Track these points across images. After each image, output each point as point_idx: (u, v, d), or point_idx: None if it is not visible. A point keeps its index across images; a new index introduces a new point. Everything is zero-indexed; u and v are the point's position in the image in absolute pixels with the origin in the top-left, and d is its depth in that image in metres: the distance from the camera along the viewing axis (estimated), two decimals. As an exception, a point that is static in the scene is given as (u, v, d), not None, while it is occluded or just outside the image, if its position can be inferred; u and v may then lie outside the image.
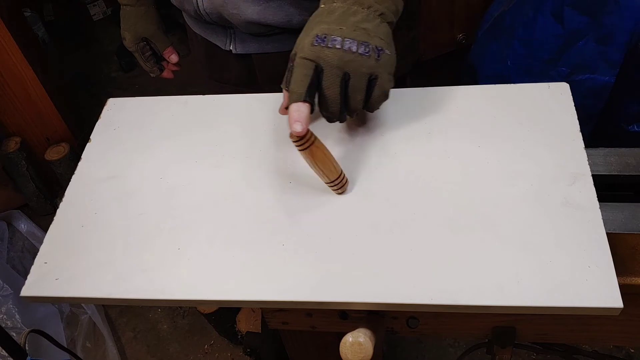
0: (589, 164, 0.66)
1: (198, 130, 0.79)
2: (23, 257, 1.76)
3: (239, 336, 1.58)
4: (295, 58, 0.63)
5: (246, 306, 1.48)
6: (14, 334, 1.32)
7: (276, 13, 0.83)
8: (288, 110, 0.62)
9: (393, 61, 0.65)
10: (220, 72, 1.02)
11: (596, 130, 1.50)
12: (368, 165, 0.71)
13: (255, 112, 0.80)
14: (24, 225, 1.86)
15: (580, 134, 0.70)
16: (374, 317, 0.68)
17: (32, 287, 0.64)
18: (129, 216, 0.70)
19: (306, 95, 0.61)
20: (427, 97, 0.77)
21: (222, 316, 1.56)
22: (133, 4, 1.02)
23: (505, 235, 0.61)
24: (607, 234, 0.60)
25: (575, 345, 0.86)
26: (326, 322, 0.74)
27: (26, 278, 0.65)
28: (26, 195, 1.97)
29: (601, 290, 0.56)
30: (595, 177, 0.65)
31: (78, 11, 2.81)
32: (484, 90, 0.77)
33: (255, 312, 1.55)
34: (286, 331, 0.84)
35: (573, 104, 0.73)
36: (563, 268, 0.58)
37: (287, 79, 0.64)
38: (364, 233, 0.63)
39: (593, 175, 0.65)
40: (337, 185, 0.66)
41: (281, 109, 0.69)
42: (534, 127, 0.71)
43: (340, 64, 0.61)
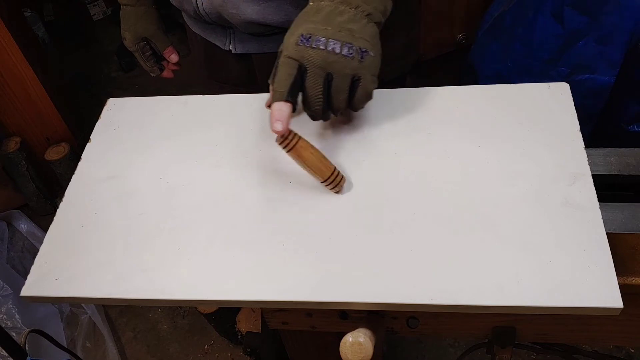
0: (589, 164, 0.66)
1: (198, 130, 0.79)
2: (23, 257, 1.76)
3: (239, 336, 1.58)
4: (280, 56, 0.64)
5: (246, 306, 1.48)
6: (14, 334, 1.32)
7: (276, 13, 0.83)
8: (270, 108, 0.62)
9: (377, 63, 0.65)
10: (219, 72, 1.02)
11: (596, 130, 1.50)
12: (368, 165, 0.71)
13: (255, 112, 0.80)
14: (24, 225, 1.86)
15: (580, 134, 0.70)
16: (374, 317, 0.68)
17: (32, 287, 0.64)
18: (129, 216, 0.70)
19: (288, 95, 0.62)
20: (427, 97, 0.77)
21: (222, 316, 1.56)
22: (133, 4, 1.02)
23: (505, 235, 0.61)
24: (607, 234, 0.60)
25: (575, 345, 0.86)
26: (326, 322, 0.74)
27: (26, 278, 0.65)
28: (26, 195, 1.97)
29: (601, 290, 0.56)
30: (595, 177, 0.65)
31: (78, 11, 2.81)
32: (484, 90, 0.77)
33: (255, 312, 1.55)
34: (286, 331, 0.84)
35: (573, 104, 0.73)
36: (563, 268, 0.58)
37: (273, 75, 0.64)
38: (364, 233, 0.63)
39: (593, 175, 0.65)
40: (332, 183, 0.66)
41: (267, 104, 0.69)
42: (534, 127, 0.71)
43: (323, 65, 0.62)
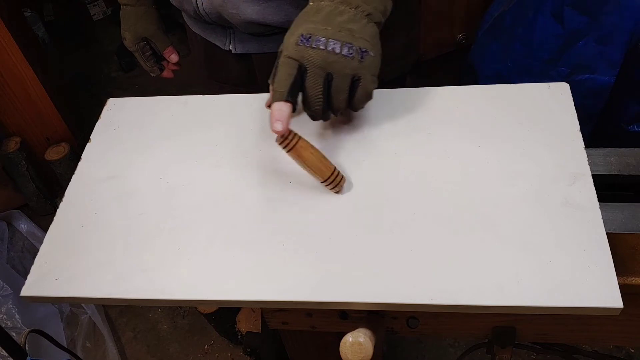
0: (589, 164, 0.66)
1: (198, 130, 0.79)
2: (23, 257, 1.76)
3: (239, 336, 1.58)
4: (280, 56, 0.64)
5: (246, 306, 1.48)
6: (14, 334, 1.32)
7: (276, 13, 0.83)
8: (270, 108, 0.62)
9: (377, 63, 0.65)
10: (219, 72, 1.02)
11: (596, 130, 1.50)
12: (368, 165, 0.71)
13: (255, 112, 0.80)
14: (24, 225, 1.86)
15: (580, 134, 0.70)
16: (374, 317, 0.68)
17: (32, 287, 0.64)
18: (129, 216, 0.70)
19: (288, 95, 0.62)
20: (427, 97, 0.77)
21: (222, 316, 1.56)
22: (133, 4, 1.02)
23: (505, 235, 0.61)
24: (607, 234, 0.60)
25: (575, 345, 0.86)
26: (326, 322, 0.74)
27: (26, 278, 0.65)
28: (26, 195, 1.97)
29: (601, 290, 0.56)
30: (595, 177, 0.65)
31: (78, 11, 2.81)
32: (484, 90, 0.77)
33: (255, 312, 1.55)
34: (286, 331, 0.84)
35: (573, 104, 0.73)
36: (563, 268, 0.58)
37: (274, 75, 0.64)
38: (364, 233, 0.63)
39: (593, 175, 0.65)
40: (331, 183, 0.66)
41: (267, 104, 0.69)
42: (534, 127, 0.71)
43: (323, 65, 0.62)
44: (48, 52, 2.32)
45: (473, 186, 0.66)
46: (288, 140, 0.64)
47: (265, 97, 0.81)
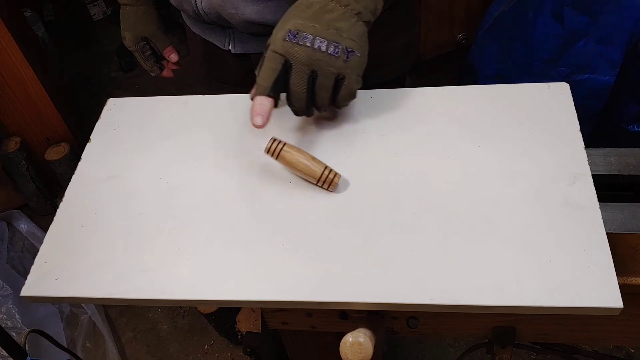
0: (589, 164, 0.66)
1: (198, 130, 0.79)
2: (23, 257, 1.76)
3: (239, 336, 1.58)
4: (267, 49, 0.64)
5: (246, 306, 1.48)
6: (14, 334, 1.32)
7: (275, 13, 0.83)
8: (252, 101, 0.63)
9: (362, 63, 0.65)
10: (219, 72, 1.02)
11: (596, 130, 1.50)
12: (368, 165, 0.71)
13: (255, 112, 0.80)
14: (24, 225, 1.86)
15: (580, 134, 0.70)
16: (374, 317, 0.68)
17: (32, 287, 0.64)
18: (129, 216, 0.69)
19: (271, 90, 0.63)
20: (427, 97, 0.77)
21: (222, 316, 1.56)
22: (133, 4, 1.02)
23: (505, 235, 0.61)
24: (607, 234, 0.60)
25: (575, 345, 0.86)
26: (326, 322, 0.74)
27: (26, 278, 0.65)
28: (26, 195, 1.97)
29: (601, 290, 0.56)
30: (595, 177, 0.65)
31: (78, 11, 2.81)
32: (484, 90, 0.77)
33: (255, 312, 1.55)
34: (286, 331, 0.84)
35: (573, 104, 0.73)
36: (563, 268, 0.58)
37: (260, 66, 0.65)
38: (364, 233, 0.63)
39: (593, 175, 0.65)
40: (325, 182, 0.67)
41: (251, 95, 0.69)
42: (534, 127, 0.71)
43: (308, 62, 0.62)
44: (48, 52, 2.32)
45: (473, 186, 0.66)
46: (273, 148, 0.65)
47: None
